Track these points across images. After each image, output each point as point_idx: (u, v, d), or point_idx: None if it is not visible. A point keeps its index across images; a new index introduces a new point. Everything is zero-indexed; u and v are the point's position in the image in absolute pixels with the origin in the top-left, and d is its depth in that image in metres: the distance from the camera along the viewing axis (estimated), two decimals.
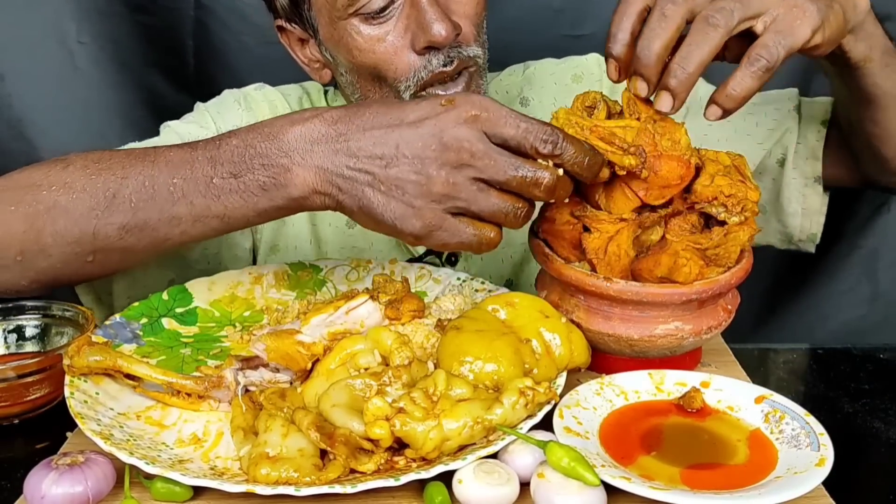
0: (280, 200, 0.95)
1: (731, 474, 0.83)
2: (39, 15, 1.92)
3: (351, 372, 0.92)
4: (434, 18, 1.18)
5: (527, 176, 0.88)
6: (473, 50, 1.24)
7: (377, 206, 0.91)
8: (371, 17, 1.21)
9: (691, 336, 0.99)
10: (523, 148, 0.89)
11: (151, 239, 1.00)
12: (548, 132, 0.89)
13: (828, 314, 2.15)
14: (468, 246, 0.92)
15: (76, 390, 0.92)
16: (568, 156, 0.89)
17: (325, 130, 0.93)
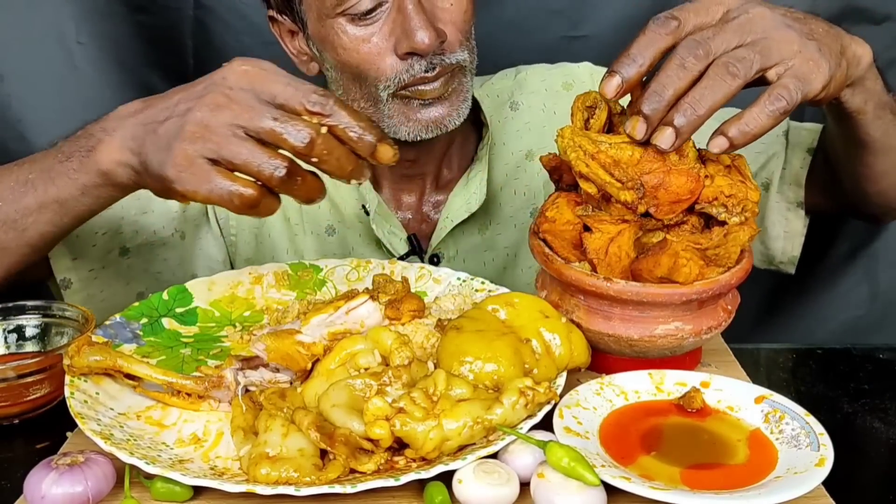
0: (93, 174, 0.98)
1: (731, 474, 0.83)
2: (39, 15, 1.92)
3: (351, 372, 0.92)
4: (418, 26, 1.19)
5: (285, 127, 0.86)
6: (458, 56, 1.25)
7: (150, 156, 0.92)
8: (358, 18, 1.22)
9: (691, 336, 0.99)
10: (290, 104, 0.88)
11: (15, 231, 1.06)
12: (318, 93, 0.88)
13: (827, 314, 2.15)
14: (220, 198, 0.87)
15: (76, 390, 0.92)
16: (338, 119, 0.88)
17: (138, 105, 0.97)
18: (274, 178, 0.87)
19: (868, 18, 1.96)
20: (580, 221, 1.01)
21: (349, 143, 0.89)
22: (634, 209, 0.96)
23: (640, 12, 1.97)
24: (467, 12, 1.26)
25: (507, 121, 1.49)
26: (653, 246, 0.97)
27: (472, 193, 1.42)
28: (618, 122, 1.03)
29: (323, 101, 0.88)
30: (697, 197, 0.97)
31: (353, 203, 1.43)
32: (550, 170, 1.09)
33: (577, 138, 0.97)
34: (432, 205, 1.47)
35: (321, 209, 1.45)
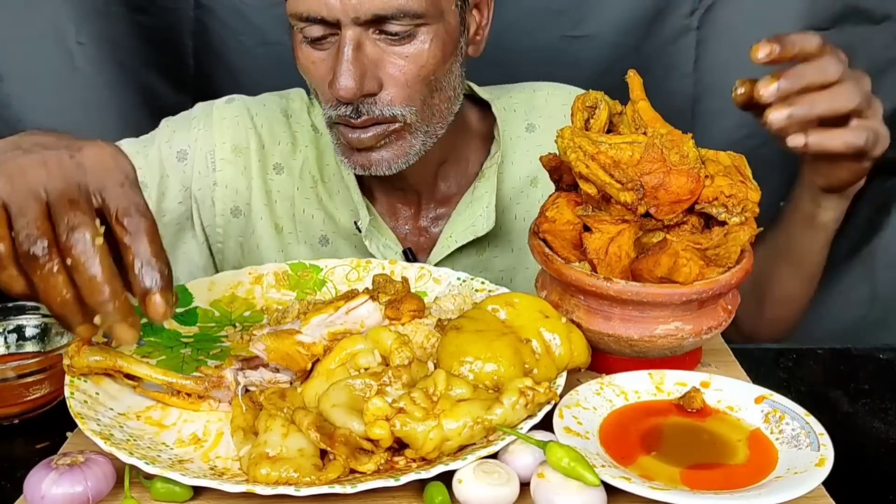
0: None
1: (731, 474, 0.83)
2: (38, 15, 1.92)
3: (351, 372, 0.92)
4: (341, 73, 1.18)
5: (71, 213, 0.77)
6: (396, 110, 1.23)
7: None
8: (313, 42, 1.23)
9: (691, 336, 0.99)
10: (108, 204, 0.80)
11: None
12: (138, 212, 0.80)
13: (827, 314, 2.15)
14: None
15: (76, 390, 0.92)
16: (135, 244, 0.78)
17: None
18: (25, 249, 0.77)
19: (868, 18, 1.96)
20: (580, 221, 1.01)
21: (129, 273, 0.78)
22: (634, 210, 0.96)
23: (641, 12, 1.97)
24: (425, 71, 1.23)
25: (519, 140, 1.46)
26: (653, 246, 0.97)
27: (478, 216, 1.40)
28: (617, 121, 1.03)
29: (136, 217, 0.79)
30: (697, 197, 0.97)
31: (347, 216, 1.43)
32: (550, 170, 1.09)
33: (577, 139, 0.97)
34: (431, 219, 1.46)
35: (314, 219, 1.44)
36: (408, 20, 1.19)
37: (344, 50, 1.18)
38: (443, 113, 1.30)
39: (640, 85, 1.02)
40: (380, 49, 1.21)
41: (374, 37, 1.20)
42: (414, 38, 1.21)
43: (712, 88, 2.02)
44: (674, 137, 0.96)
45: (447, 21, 1.24)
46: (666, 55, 1.99)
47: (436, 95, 1.27)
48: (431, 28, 1.21)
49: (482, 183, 1.42)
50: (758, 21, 1.97)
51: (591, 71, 1.94)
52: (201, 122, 1.42)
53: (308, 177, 1.44)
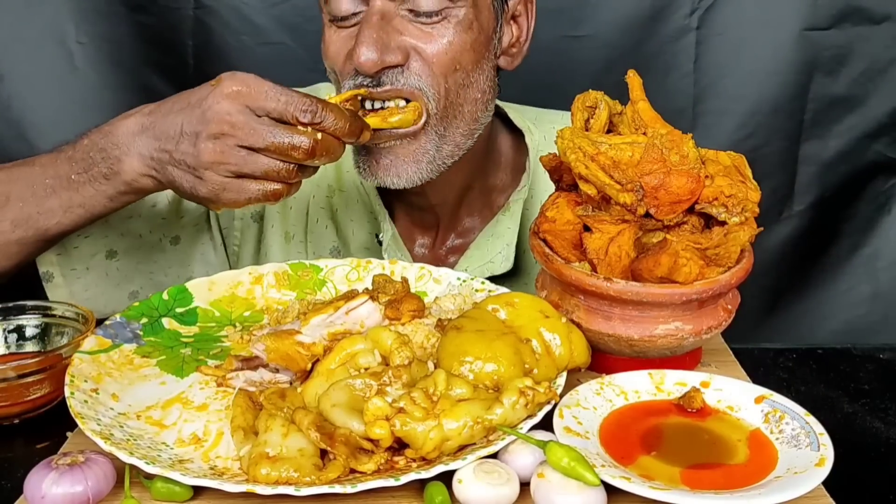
0: (121, 186, 1.11)
1: (731, 474, 0.83)
2: (39, 15, 1.93)
3: (351, 372, 0.92)
4: (362, 41, 1.15)
5: (283, 141, 1.00)
6: (422, 83, 1.18)
7: (178, 180, 1.06)
8: (335, 21, 1.21)
9: (691, 336, 0.99)
10: (285, 118, 1.01)
11: (35, 230, 1.16)
12: (306, 104, 1.00)
13: (828, 314, 2.16)
14: (258, 199, 1.04)
15: (76, 390, 0.92)
16: (328, 123, 1.02)
17: (142, 121, 1.08)
18: (291, 174, 1.03)
19: (868, 18, 1.97)
20: (580, 221, 1.01)
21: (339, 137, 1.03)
22: (634, 211, 0.96)
23: (640, 12, 1.97)
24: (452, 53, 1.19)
25: None
26: (653, 246, 0.97)
27: (497, 252, 1.35)
28: (617, 121, 1.03)
29: (312, 109, 1.01)
30: (697, 197, 0.97)
31: (361, 229, 1.40)
32: (550, 170, 1.09)
33: (576, 139, 0.97)
34: (448, 249, 1.41)
35: (327, 230, 1.42)
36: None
37: (369, 18, 1.16)
38: (466, 118, 1.23)
39: (639, 85, 1.02)
40: (406, 23, 1.18)
41: (403, 13, 1.17)
42: (444, 19, 1.18)
43: (712, 88, 2.02)
44: (674, 138, 0.96)
45: (479, 10, 1.21)
46: (666, 55, 1.99)
47: (461, 92, 1.21)
48: (462, 11, 1.18)
49: (506, 217, 1.36)
50: (758, 21, 1.98)
51: (591, 71, 1.95)
52: None
53: (325, 186, 1.42)
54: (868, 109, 2.03)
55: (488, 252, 1.36)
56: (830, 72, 1.99)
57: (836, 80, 2.00)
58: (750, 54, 1.98)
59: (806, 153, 2.06)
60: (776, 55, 1.98)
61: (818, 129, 2.04)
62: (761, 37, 1.98)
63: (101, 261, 1.34)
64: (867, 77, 2.00)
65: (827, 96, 2.01)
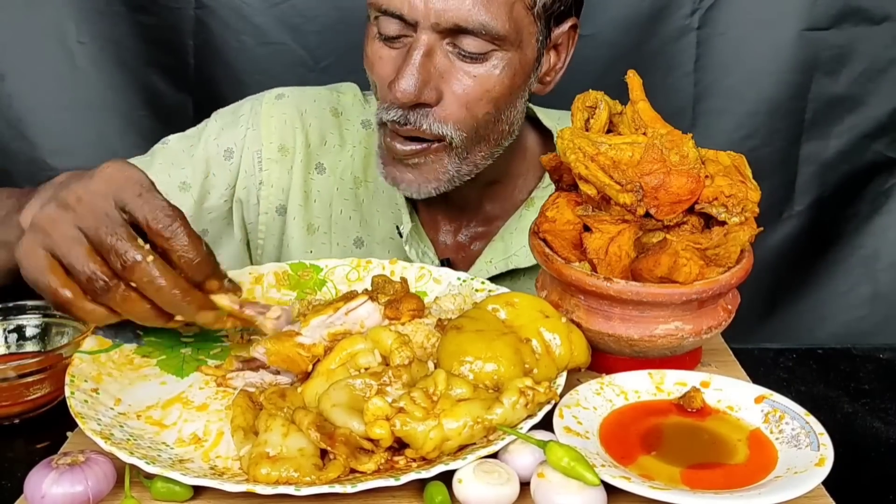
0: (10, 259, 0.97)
1: (731, 474, 0.83)
2: (39, 15, 1.93)
3: (351, 372, 0.92)
4: (404, 75, 1.16)
5: (115, 244, 0.87)
6: (445, 129, 1.20)
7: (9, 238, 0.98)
8: (385, 39, 1.21)
9: (691, 336, 0.99)
10: (136, 216, 0.89)
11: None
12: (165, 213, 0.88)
13: (828, 314, 2.16)
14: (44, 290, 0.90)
15: (76, 390, 0.92)
16: (176, 243, 0.89)
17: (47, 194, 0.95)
18: (90, 286, 0.88)
19: (868, 18, 1.97)
20: (580, 221, 1.01)
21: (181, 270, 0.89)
22: (633, 211, 0.96)
23: (641, 12, 1.97)
24: (490, 96, 1.20)
25: None
26: (653, 246, 0.97)
27: (520, 246, 1.37)
28: (618, 121, 1.03)
29: (167, 221, 0.88)
30: (697, 197, 0.97)
31: (386, 220, 1.42)
32: (551, 170, 1.09)
33: (576, 140, 0.97)
34: (471, 236, 1.43)
35: (351, 220, 1.43)
36: (486, 40, 1.16)
37: (414, 53, 1.16)
38: (490, 145, 1.26)
39: (639, 85, 1.02)
40: (449, 62, 1.18)
41: (448, 49, 1.18)
42: (486, 61, 1.18)
43: (713, 88, 2.02)
44: (674, 138, 0.96)
45: (524, 52, 1.21)
46: (666, 55, 1.99)
47: (491, 126, 1.23)
48: (507, 55, 1.19)
49: (529, 211, 1.38)
50: (758, 21, 1.98)
51: (591, 71, 1.94)
52: (250, 120, 1.41)
53: (350, 178, 1.44)
54: (868, 109, 2.03)
55: (512, 245, 1.38)
56: (830, 72, 1.99)
57: (836, 80, 2.00)
58: (750, 54, 1.99)
59: (806, 153, 2.06)
60: (776, 55, 1.98)
61: (818, 129, 2.04)
62: (761, 37, 1.98)
63: None
64: (867, 77, 2.00)
65: (827, 96, 2.02)
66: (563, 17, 1.26)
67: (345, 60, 1.90)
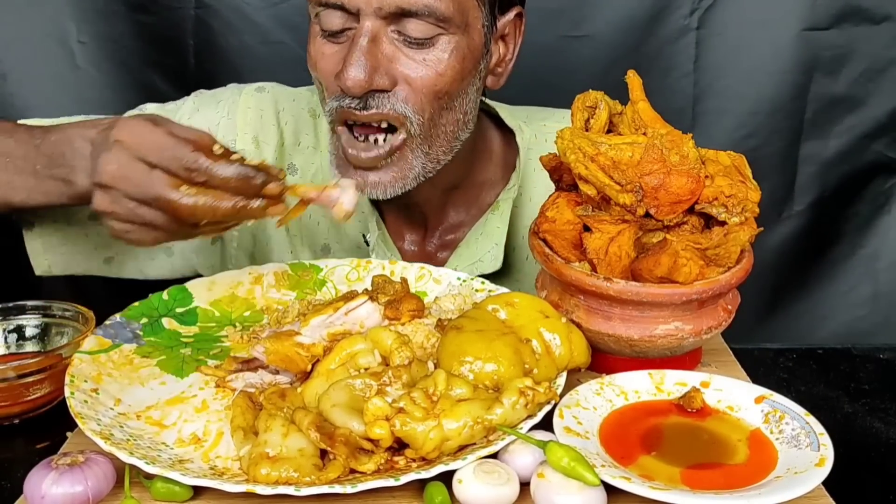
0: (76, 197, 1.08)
1: (731, 474, 0.83)
2: (40, 15, 1.93)
3: (351, 372, 0.92)
4: (351, 62, 1.13)
5: (160, 196, 0.94)
6: (407, 110, 1.18)
7: None
8: (327, 34, 1.19)
9: (691, 336, 0.99)
10: (171, 169, 0.95)
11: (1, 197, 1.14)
12: (191, 154, 0.94)
13: (828, 314, 2.16)
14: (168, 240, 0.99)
15: (76, 390, 0.92)
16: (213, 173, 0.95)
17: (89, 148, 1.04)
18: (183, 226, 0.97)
19: (868, 18, 1.97)
20: (580, 221, 1.01)
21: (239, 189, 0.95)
22: (633, 212, 0.96)
23: (640, 12, 1.97)
24: (442, 81, 1.18)
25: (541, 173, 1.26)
26: (653, 246, 0.97)
27: (486, 251, 1.35)
28: (617, 122, 1.03)
29: (195, 161, 0.94)
30: (697, 197, 0.97)
31: (353, 228, 1.40)
32: (550, 170, 1.09)
33: (576, 140, 0.97)
34: (437, 245, 1.41)
35: (319, 226, 1.41)
36: (431, 22, 1.15)
37: (359, 40, 1.14)
38: (448, 136, 1.24)
39: (639, 85, 1.02)
40: (396, 49, 1.16)
41: (393, 36, 1.16)
42: (433, 46, 1.17)
43: (712, 88, 2.02)
44: (674, 138, 0.96)
45: (471, 37, 1.20)
46: (666, 55, 1.99)
47: (445, 115, 1.22)
48: (454, 39, 1.17)
49: (495, 216, 1.36)
50: (758, 21, 1.98)
51: (591, 71, 1.95)
52: (227, 106, 1.39)
53: (320, 182, 1.39)
54: (868, 109, 2.03)
55: (478, 251, 1.36)
56: (830, 72, 1.99)
57: (836, 80, 2.00)
58: (750, 54, 1.99)
59: (806, 153, 2.06)
60: (776, 55, 1.98)
61: (818, 129, 2.04)
62: (761, 37, 1.98)
63: (83, 220, 1.30)
64: (867, 77, 2.00)
65: (827, 96, 2.02)
66: (508, 5, 1.26)
67: None
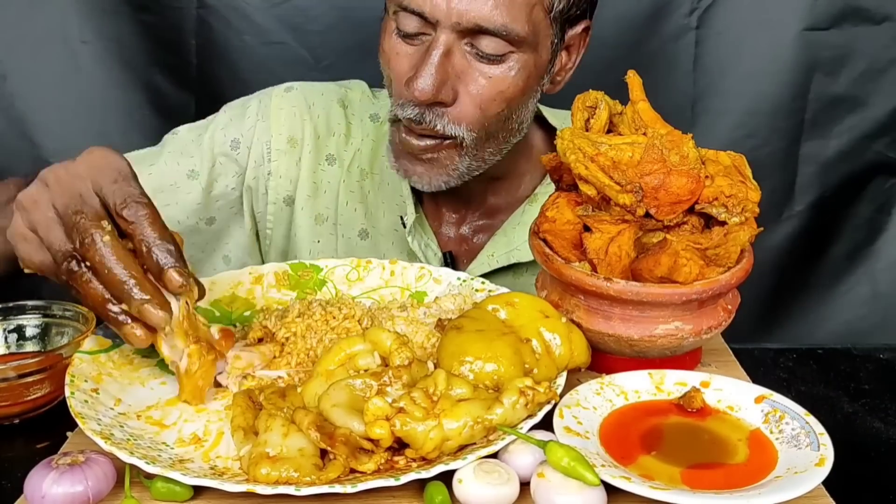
0: None
1: (731, 474, 0.83)
2: (42, 14, 1.93)
3: (350, 373, 0.92)
4: (422, 73, 1.17)
5: (78, 222, 0.88)
6: (454, 130, 1.21)
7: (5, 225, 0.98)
8: (404, 35, 1.21)
9: (691, 336, 0.99)
10: (106, 201, 0.90)
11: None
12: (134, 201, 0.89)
13: (828, 314, 2.16)
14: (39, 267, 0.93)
15: (76, 390, 0.92)
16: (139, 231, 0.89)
17: None
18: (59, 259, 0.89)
19: (868, 18, 1.97)
20: (580, 221, 1.01)
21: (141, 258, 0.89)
22: (633, 212, 0.96)
23: (640, 12, 1.97)
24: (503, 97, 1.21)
25: None
26: (653, 246, 0.97)
27: (522, 240, 1.37)
28: (618, 121, 1.03)
29: (134, 208, 0.89)
30: (697, 197, 0.97)
31: (391, 212, 1.43)
32: (551, 170, 1.09)
33: (576, 140, 0.97)
34: (474, 229, 1.45)
35: (357, 212, 1.44)
36: (505, 41, 1.17)
37: (433, 52, 1.17)
38: (499, 143, 1.28)
39: (639, 85, 1.02)
40: (467, 63, 1.19)
41: (466, 49, 1.19)
42: (503, 63, 1.19)
43: (712, 88, 2.02)
44: (674, 138, 0.96)
45: (539, 55, 1.22)
46: (665, 54, 1.99)
47: (501, 126, 1.25)
48: (523, 57, 1.20)
49: (532, 207, 1.40)
50: (757, 21, 1.98)
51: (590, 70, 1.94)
52: (259, 112, 1.43)
53: (356, 170, 1.45)
54: (868, 109, 2.03)
55: (515, 239, 1.39)
56: (830, 72, 1.99)
57: (836, 80, 2.00)
58: (749, 54, 1.99)
59: (806, 153, 2.06)
60: (776, 55, 1.98)
61: (818, 129, 2.04)
62: (761, 36, 1.98)
63: None
64: (867, 77, 2.00)
65: (827, 96, 2.02)
66: (578, 20, 1.28)
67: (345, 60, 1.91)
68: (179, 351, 0.93)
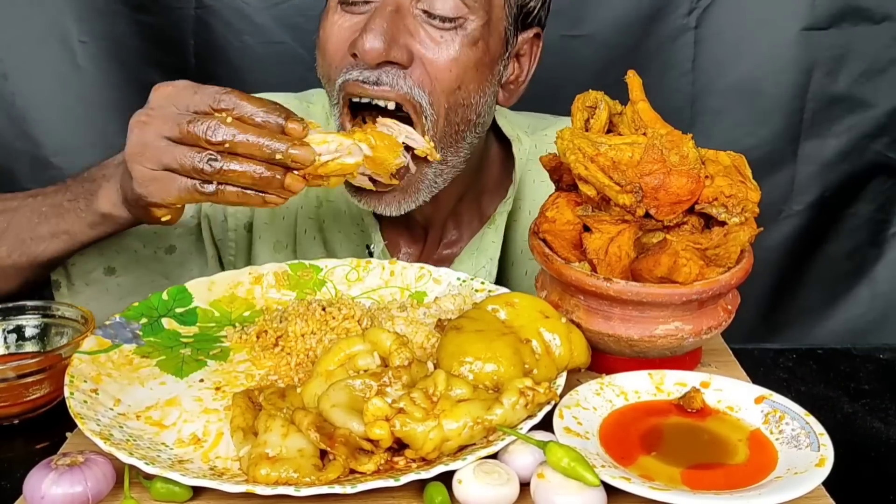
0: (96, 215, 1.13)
1: (731, 474, 0.83)
2: (41, 14, 1.93)
3: (350, 373, 0.92)
4: (370, 29, 1.10)
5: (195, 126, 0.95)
6: (419, 93, 1.13)
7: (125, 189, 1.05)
8: (346, 4, 1.16)
9: (691, 336, 0.99)
10: (200, 109, 0.98)
11: (27, 256, 1.19)
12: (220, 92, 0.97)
13: (828, 314, 2.16)
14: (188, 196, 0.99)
15: (76, 390, 0.92)
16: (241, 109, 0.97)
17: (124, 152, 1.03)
18: (207, 169, 0.96)
19: (868, 18, 1.97)
20: (580, 221, 1.01)
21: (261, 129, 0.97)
22: (633, 212, 0.96)
23: (639, 12, 1.98)
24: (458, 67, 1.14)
25: (542, 185, 1.27)
26: (653, 246, 0.97)
27: (481, 266, 1.34)
28: (617, 121, 1.03)
29: (224, 97, 0.97)
30: (697, 197, 0.97)
31: (349, 241, 1.38)
32: (550, 170, 1.09)
33: (576, 140, 0.97)
34: (435, 261, 1.37)
35: (315, 240, 1.40)
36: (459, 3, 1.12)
37: (383, 9, 1.11)
38: (464, 142, 1.21)
39: (639, 85, 1.02)
40: (418, 25, 1.13)
41: (417, 13, 1.13)
42: (455, 30, 1.14)
43: (711, 87, 2.03)
44: (673, 138, 0.96)
45: (491, 32, 1.17)
46: (664, 54, 2.00)
47: (461, 112, 1.18)
48: (476, 28, 1.14)
49: (490, 230, 1.35)
50: (756, 20, 1.98)
51: (590, 70, 1.95)
52: None
53: (313, 197, 1.39)
54: (868, 109, 2.03)
55: (472, 267, 1.35)
56: (830, 71, 2.00)
57: (836, 79, 2.01)
58: (749, 54, 1.99)
59: (806, 153, 2.06)
60: (775, 55, 1.99)
61: (818, 128, 2.04)
62: (760, 36, 1.98)
63: (99, 277, 1.34)
64: (867, 77, 2.00)
65: (827, 96, 2.02)
66: (530, 22, 1.24)
67: None
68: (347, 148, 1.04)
